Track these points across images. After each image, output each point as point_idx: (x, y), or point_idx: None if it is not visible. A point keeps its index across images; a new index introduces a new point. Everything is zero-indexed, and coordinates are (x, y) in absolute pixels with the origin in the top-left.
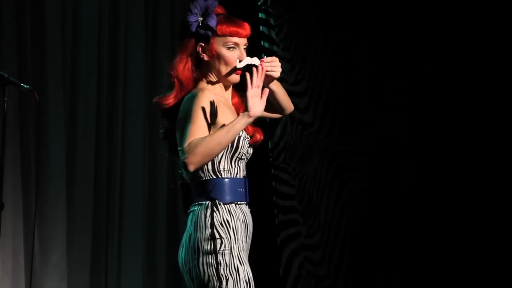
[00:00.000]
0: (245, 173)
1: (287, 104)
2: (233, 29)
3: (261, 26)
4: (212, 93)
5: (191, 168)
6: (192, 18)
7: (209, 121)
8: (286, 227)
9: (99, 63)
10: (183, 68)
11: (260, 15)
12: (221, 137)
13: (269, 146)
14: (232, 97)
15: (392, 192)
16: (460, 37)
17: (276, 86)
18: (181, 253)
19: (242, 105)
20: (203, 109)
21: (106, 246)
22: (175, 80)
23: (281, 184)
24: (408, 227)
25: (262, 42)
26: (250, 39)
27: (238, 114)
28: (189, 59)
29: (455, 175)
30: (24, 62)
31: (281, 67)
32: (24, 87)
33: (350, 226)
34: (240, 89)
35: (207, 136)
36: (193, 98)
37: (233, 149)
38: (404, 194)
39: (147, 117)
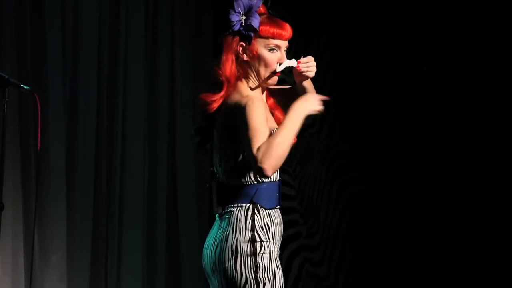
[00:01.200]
0: (279, 175)
1: None
2: (275, 31)
3: None
4: (259, 99)
5: (270, 172)
6: (235, 17)
7: (267, 128)
8: (286, 228)
9: (99, 63)
10: (230, 67)
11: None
12: (290, 132)
13: None
14: (267, 99)
15: (392, 193)
16: (460, 37)
17: (308, 84)
18: (213, 252)
19: (277, 107)
20: (260, 117)
21: (106, 247)
22: (224, 79)
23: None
24: (408, 227)
25: None
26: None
27: (273, 116)
28: (234, 58)
29: (456, 175)
30: (24, 62)
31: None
32: (24, 88)
33: (350, 226)
34: (274, 92)
35: (273, 137)
36: (245, 107)
37: None
38: (404, 195)
39: (147, 117)
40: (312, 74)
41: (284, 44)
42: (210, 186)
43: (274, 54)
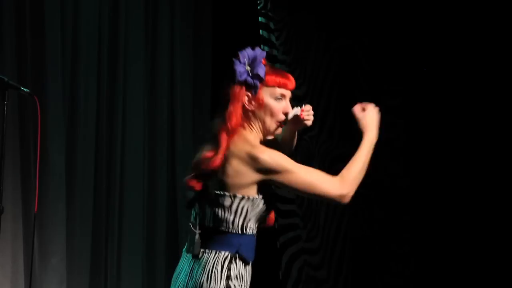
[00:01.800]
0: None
1: (293, 147)
2: (281, 80)
3: (261, 30)
4: (274, 151)
5: (349, 199)
6: (240, 68)
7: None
8: (285, 231)
9: (99, 63)
10: (237, 118)
11: (260, 19)
12: (366, 159)
13: None
14: None
15: (391, 196)
16: (460, 37)
17: (296, 132)
18: (185, 282)
19: None
20: (283, 157)
21: (106, 249)
22: (229, 130)
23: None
24: (407, 230)
25: (262, 46)
26: (248, 42)
27: None
28: (241, 108)
29: (455, 177)
30: (24, 63)
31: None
32: (24, 90)
33: (350, 230)
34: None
35: (354, 166)
36: (257, 156)
37: (259, 210)
38: (403, 197)
39: (147, 117)
40: (310, 123)
41: (288, 94)
42: (192, 224)
43: (280, 104)
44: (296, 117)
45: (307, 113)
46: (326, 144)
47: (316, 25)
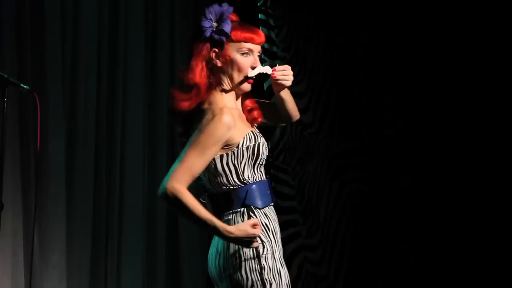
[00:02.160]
0: (265, 174)
1: (294, 112)
2: (247, 35)
3: (260, 27)
4: (230, 113)
5: (160, 197)
6: (206, 24)
7: (214, 148)
8: (285, 227)
9: (99, 63)
10: (200, 73)
11: (259, 15)
12: (192, 215)
13: (269, 147)
14: (245, 99)
15: (391, 193)
16: (460, 37)
17: (285, 94)
18: (217, 261)
19: (255, 106)
20: (215, 136)
21: (106, 247)
22: (192, 84)
23: (280, 184)
24: (407, 227)
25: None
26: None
27: (248, 122)
28: (205, 64)
29: (455, 175)
30: (24, 62)
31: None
32: (23, 87)
33: (350, 226)
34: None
35: (190, 201)
36: (211, 120)
37: (255, 158)
38: (403, 194)
39: (147, 117)
40: (288, 83)
41: (256, 48)
42: (203, 199)
43: (247, 58)
44: (270, 77)
45: (280, 72)
46: (325, 141)
47: (316, 22)
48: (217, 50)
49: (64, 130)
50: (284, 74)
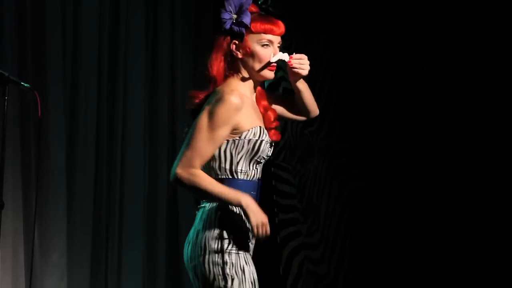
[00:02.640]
0: (260, 175)
1: (312, 106)
2: (267, 26)
3: None
4: (239, 95)
5: (174, 183)
6: (226, 16)
7: (224, 130)
8: (286, 226)
9: (99, 63)
10: (218, 66)
11: None
12: (212, 193)
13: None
14: (262, 99)
15: (392, 191)
16: (460, 37)
17: (302, 85)
18: (187, 249)
19: (270, 108)
20: (223, 117)
21: (106, 246)
22: (210, 77)
23: (281, 182)
24: (408, 226)
25: None
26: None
27: (263, 116)
28: (223, 58)
29: (455, 174)
30: (24, 62)
31: (282, 65)
32: (24, 86)
33: (350, 224)
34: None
35: (208, 179)
36: (219, 100)
37: (254, 152)
38: (404, 193)
39: (147, 117)
40: (305, 72)
41: (276, 39)
42: None
43: (267, 49)
44: (287, 66)
45: (297, 61)
46: (326, 140)
47: (317, 21)
48: (237, 42)
49: (65, 129)
50: (301, 62)
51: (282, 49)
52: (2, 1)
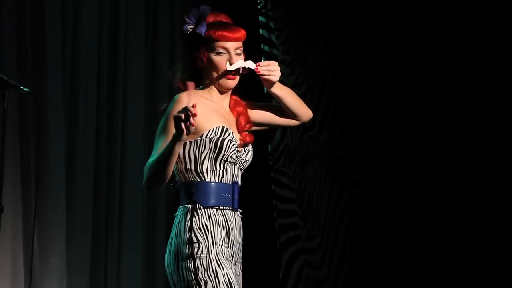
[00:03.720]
0: (236, 179)
1: (300, 110)
2: (219, 33)
3: (261, 30)
4: (193, 95)
5: (148, 191)
6: (185, 27)
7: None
8: (285, 231)
9: (99, 63)
10: (180, 77)
11: (260, 18)
12: (159, 161)
13: (269, 149)
14: (236, 106)
15: (392, 196)
16: (460, 37)
17: (280, 91)
18: (165, 257)
19: (244, 113)
20: (172, 113)
21: (106, 249)
22: (176, 88)
23: (280, 187)
24: (408, 230)
25: (262, 45)
26: (247, 42)
27: (237, 121)
28: (187, 67)
29: (456, 177)
30: (24, 63)
31: (281, 70)
32: (24, 90)
33: (350, 229)
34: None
35: (152, 158)
36: (171, 102)
37: (217, 151)
38: (404, 197)
39: (147, 117)
40: (275, 78)
41: (232, 45)
42: (174, 187)
43: (222, 57)
44: (249, 71)
45: (265, 67)
46: (326, 144)
47: (316, 24)
48: (196, 52)
49: (64, 130)
50: (270, 69)
51: (282, 54)
52: (2, 1)
